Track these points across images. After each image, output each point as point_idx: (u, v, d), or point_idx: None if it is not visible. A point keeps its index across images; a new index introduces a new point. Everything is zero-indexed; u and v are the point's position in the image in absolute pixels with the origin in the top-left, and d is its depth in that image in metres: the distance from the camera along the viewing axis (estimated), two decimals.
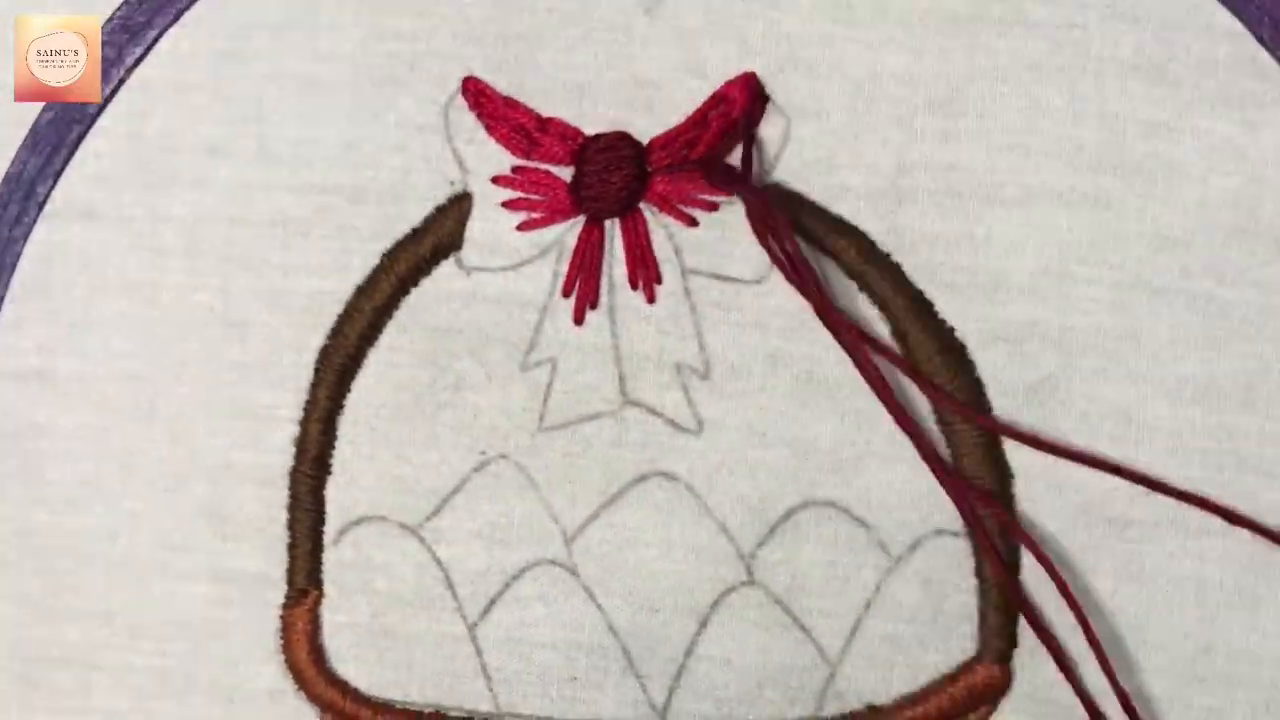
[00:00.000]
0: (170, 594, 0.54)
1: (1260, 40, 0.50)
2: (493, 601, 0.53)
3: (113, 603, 0.55)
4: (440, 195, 0.53)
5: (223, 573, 0.54)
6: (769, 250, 0.50)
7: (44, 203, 0.55)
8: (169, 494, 0.54)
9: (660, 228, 0.52)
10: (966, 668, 0.51)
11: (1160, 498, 0.50)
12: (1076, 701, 0.50)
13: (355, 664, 0.54)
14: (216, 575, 0.54)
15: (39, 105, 0.55)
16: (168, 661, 0.54)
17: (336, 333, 0.53)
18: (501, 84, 0.53)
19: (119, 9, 0.54)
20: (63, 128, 0.55)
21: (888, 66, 0.51)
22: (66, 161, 0.55)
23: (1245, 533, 0.50)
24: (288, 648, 0.54)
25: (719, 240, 0.52)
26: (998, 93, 0.51)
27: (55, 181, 0.55)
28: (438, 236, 0.53)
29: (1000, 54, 0.51)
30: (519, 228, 0.53)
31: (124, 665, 0.55)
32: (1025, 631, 0.51)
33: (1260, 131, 0.50)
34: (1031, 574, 0.51)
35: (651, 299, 0.52)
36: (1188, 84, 0.50)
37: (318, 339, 0.53)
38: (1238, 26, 0.50)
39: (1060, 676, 0.50)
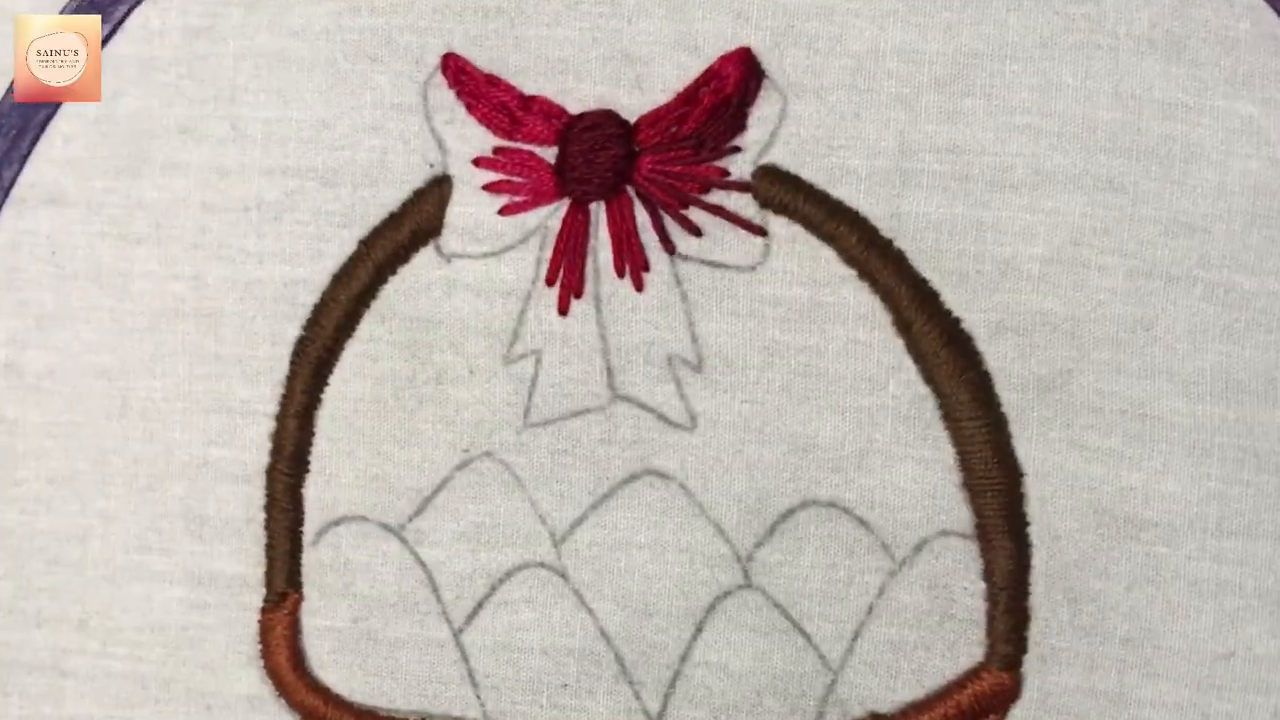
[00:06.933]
0: (145, 597, 0.53)
1: None
2: (479, 605, 0.52)
3: (86, 606, 0.54)
4: (419, 178, 0.52)
5: (199, 575, 0.53)
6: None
7: (10, 188, 0.54)
8: (143, 493, 0.53)
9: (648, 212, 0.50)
10: (973, 674, 0.50)
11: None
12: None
13: (337, 669, 0.52)
14: (193, 577, 0.53)
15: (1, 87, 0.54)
16: (143, 667, 0.54)
17: (313, 323, 0.52)
18: (482, 60, 0.51)
19: None
20: (29, 110, 0.54)
21: (891, 41, 0.49)
22: (33, 145, 0.54)
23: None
24: (267, 653, 0.53)
25: (710, 224, 0.50)
26: (1007, 70, 0.49)
27: (22, 166, 0.54)
28: (416, 221, 0.52)
29: (1009, 29, 0.49)
30: (501, 212, 0.51)
31: (98, 671, 0.54)
32: (1035, 637, 0.49)
33: None
34: (1042, 573, 0.49)
35: (639, 287, 0.51)
36: (1206, 62, 0.48)
37: (294, 329, 0.52)
38: (1258, 0, 0.48)
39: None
